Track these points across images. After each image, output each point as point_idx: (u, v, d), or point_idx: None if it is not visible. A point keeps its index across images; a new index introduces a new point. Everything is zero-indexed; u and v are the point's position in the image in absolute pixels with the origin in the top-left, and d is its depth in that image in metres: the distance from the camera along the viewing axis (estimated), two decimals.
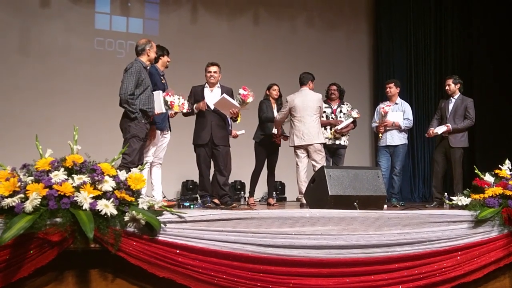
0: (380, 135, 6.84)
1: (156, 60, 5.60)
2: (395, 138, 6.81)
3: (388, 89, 6.98)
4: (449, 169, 6.74)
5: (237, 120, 5.92)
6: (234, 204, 5.79)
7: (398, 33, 10.47)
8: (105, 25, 9.09)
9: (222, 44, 9.53)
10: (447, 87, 6.67)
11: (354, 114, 6.85)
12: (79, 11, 8.87)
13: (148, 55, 5.22)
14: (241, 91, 5.82)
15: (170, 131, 5.77)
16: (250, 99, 5.82)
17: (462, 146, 6.52)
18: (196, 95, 5.97)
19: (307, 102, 6.26)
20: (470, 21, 10.19)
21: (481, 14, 9.93)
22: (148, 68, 5.27)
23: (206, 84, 6.03)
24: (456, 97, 6.63)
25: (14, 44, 8.47)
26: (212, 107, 5.80)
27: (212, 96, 5.92)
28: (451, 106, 6.62)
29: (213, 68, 5.96)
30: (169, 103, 5.22)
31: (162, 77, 5.64)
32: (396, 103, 6.96)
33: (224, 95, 5.74)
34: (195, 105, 5.87)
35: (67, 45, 8.71)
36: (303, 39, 10.19)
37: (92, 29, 8.99)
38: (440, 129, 6.52)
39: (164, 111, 5.24)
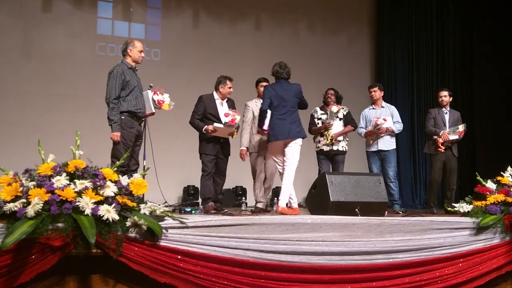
0: (371, 141, 6.80)
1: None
2: (387, 143, 6.77)
3: (372, 93, 6.94)
4: (444, 176, 6.86)
5: (233, 136, 6.04)
6: (225, 210, 5.97)
7: (400, 38, 10.47)
8: (107, 30, 9.11)
9: (224, 49, 9.54)
10: (444, 98, 6.76)
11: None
12: (81, 16, 8.90)
13: (130, 56, 5.17)
14: (224, 119, 5.83)
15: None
16: (238, 119, 5.89)
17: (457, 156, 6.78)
18: (208, 107, 5.93)
19: None
20: (472, 26, 10.20)
21: (483, 19, 9.93)
22: (134, 68, 5.20)
23: (216, 96, 6.02)
24: (448, 108, 6.82)
25: (16, 49, 8.49)
26: (224, 120, 5.84)
27: (223, 110, 5.99)
28: (447, 116, 6.77)
29: (231, 83, 6.04)
30: (156, 102, 5.20)
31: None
32: (383, 107, 6.94)
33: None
34: (205, 127, 5.82)
35: (69, 50, 8.72)
36: (304, 44, 10.19)
37: (94, 34, 9.01)
38: (453, 136, 6.57)
39: (153, 110, 5.21)
